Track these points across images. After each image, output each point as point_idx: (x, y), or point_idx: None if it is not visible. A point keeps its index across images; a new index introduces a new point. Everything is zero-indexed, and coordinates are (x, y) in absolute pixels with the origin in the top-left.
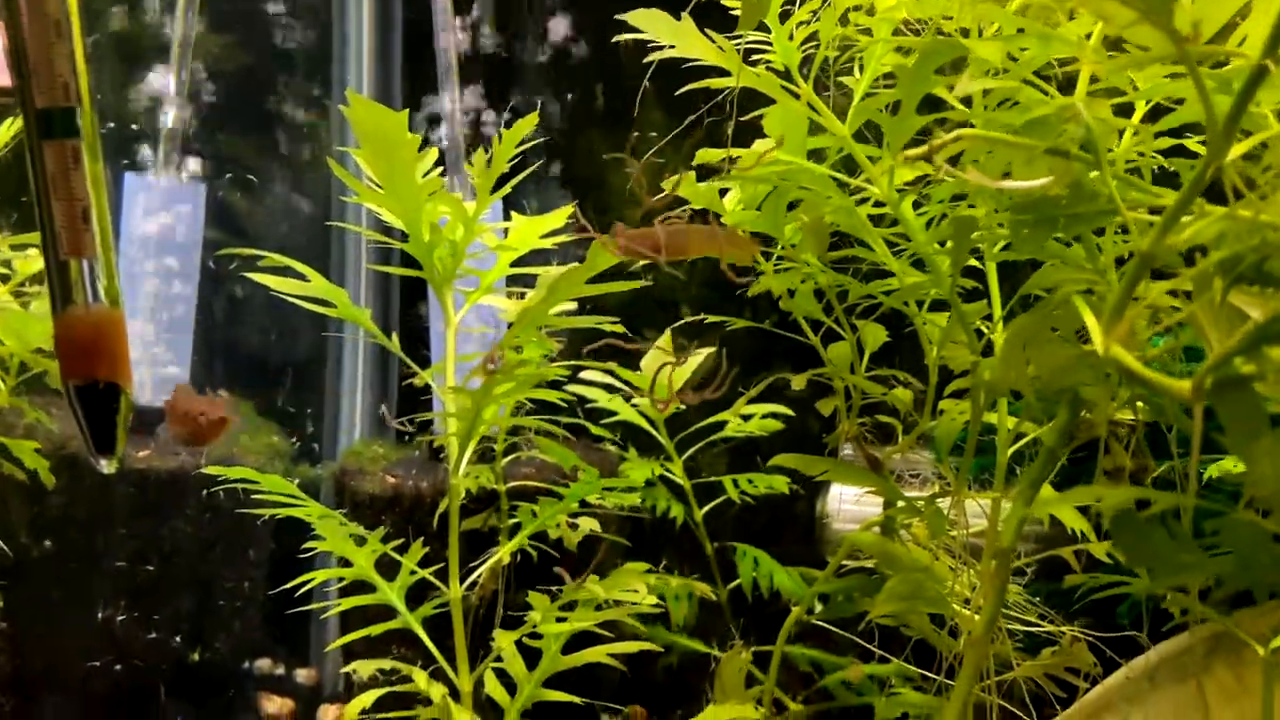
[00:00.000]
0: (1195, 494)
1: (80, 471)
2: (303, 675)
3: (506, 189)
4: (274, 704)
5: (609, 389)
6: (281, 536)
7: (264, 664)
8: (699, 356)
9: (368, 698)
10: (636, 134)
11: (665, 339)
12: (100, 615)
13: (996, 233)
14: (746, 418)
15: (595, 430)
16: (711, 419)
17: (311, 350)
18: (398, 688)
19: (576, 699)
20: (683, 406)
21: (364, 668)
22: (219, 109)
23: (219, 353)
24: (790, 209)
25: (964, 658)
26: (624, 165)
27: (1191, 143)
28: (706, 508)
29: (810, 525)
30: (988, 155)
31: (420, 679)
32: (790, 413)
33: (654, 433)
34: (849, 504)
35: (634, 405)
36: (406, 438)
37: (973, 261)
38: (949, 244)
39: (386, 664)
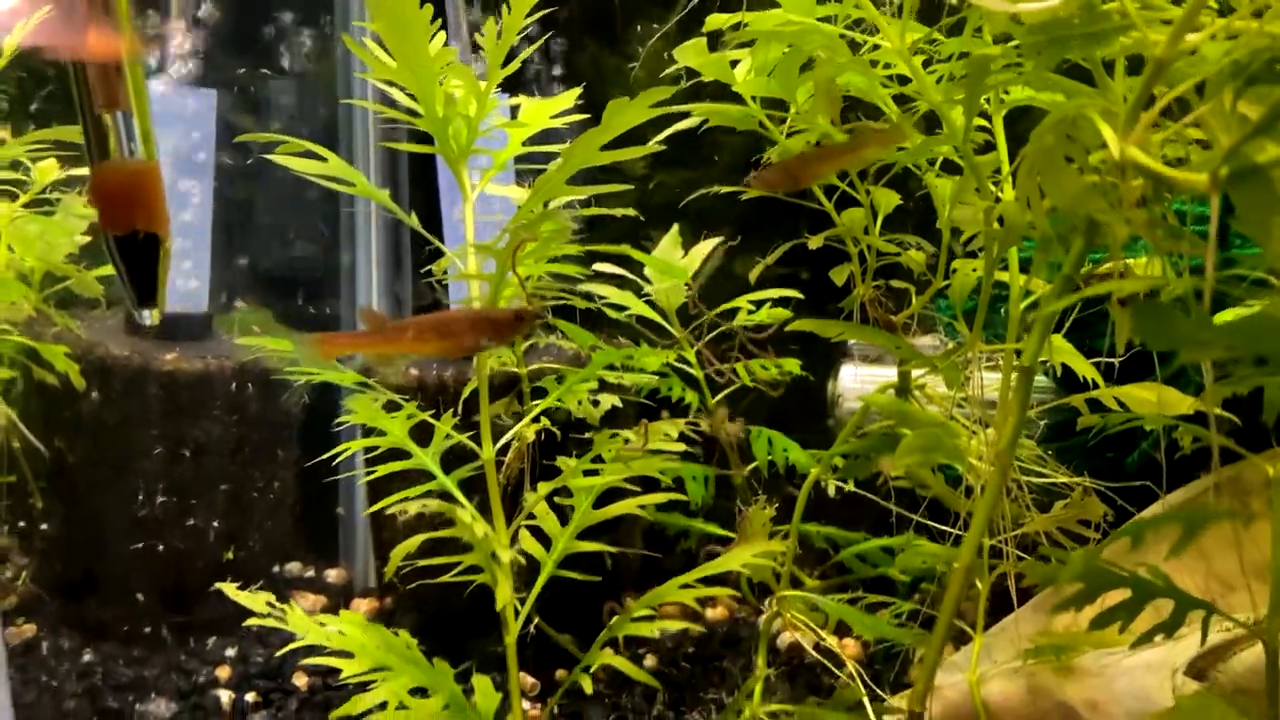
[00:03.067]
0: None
1: (109, 376)
2: (333, 575)
3: (516, 64)
4: (307, 601)
5: (621, 281)
6: (308, 438)
7: (294, 566)
8: (709, 244)
9: (411, 543)
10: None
11: (674, 231)
12: (135, 515)
13: (1000, 78)
14: (756, 307)
15: (612, 314)
16: (723, 306)
17: (327, 256)
18: (440, 532)
19: (609, 548)
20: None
21: (411, 506)
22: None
23: (236, 264)
24: (802, 73)
25: (987, 482)
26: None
27: None
28: (720, 395)
29: (822, 408)
30: None
31: (463, 516)
32: (800, 295)
33: (665, 324)
34: (858, 384)
35: (645, 297)
36: None
37: (979, 121)
38: (960, 96)
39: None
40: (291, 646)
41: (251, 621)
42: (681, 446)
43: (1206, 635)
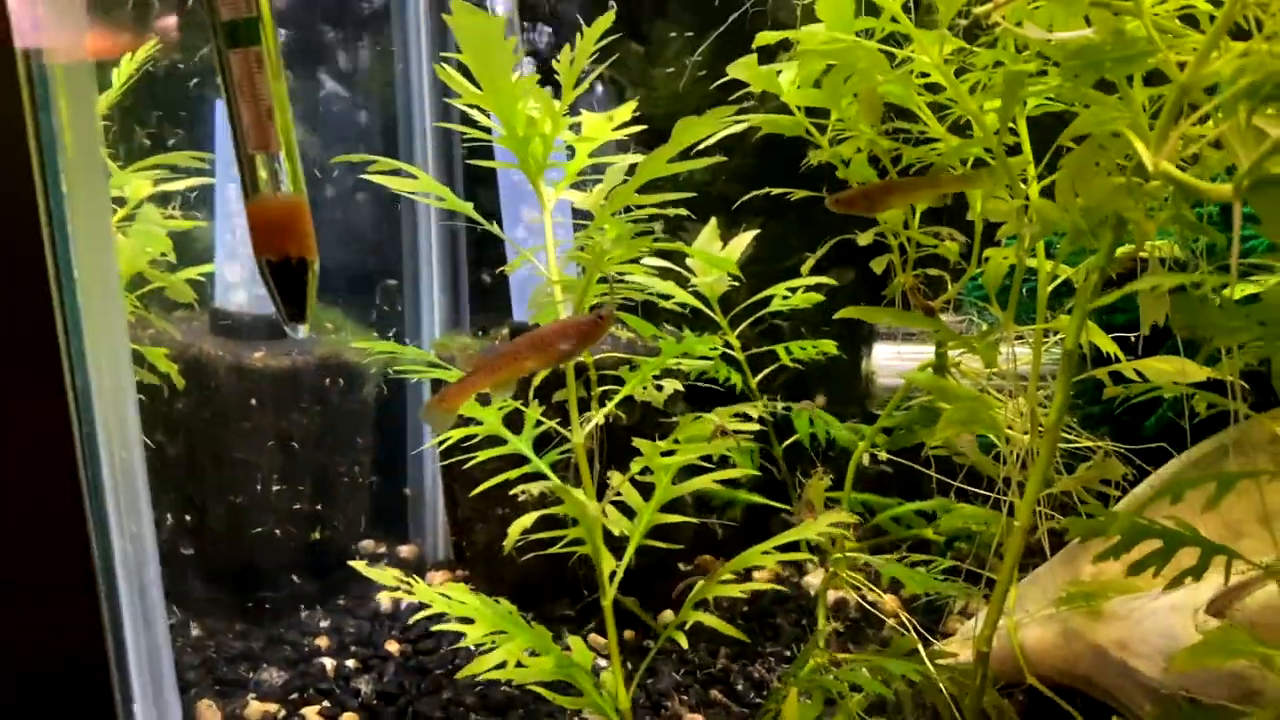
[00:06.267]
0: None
1: (204, 374)
2: (405, 551)
3: (586, 84)
4: (384, 576)
5: (665, 273)
6: (383, 427)
7: (368, 544)
8: (747, 236)
9: (527, 519)
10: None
11: (711, 224)
12: (230, 503)
13: (1031, 89)
14: (791, 293)
15: (664, 305)
16: (762, 294)
17: (389, 262)
18: (550, 510)
19: (692, 519)
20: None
21: (532, 488)
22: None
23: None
24: (845, 84)
25: (1039, 451)
26: (670, 67)
27: None
28: (759, 375)
29: (856, 386)
30: (1034, 11)
31: (577, 495)
32: (834, 282)
33: (709, 311)
34: (891, 362)
35: (691, 289)
36: (479, 332)
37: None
38: (995, 103)
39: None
40: (421, 615)
41: (383, 595)
42: (756, 427)
43: (1229, 576)
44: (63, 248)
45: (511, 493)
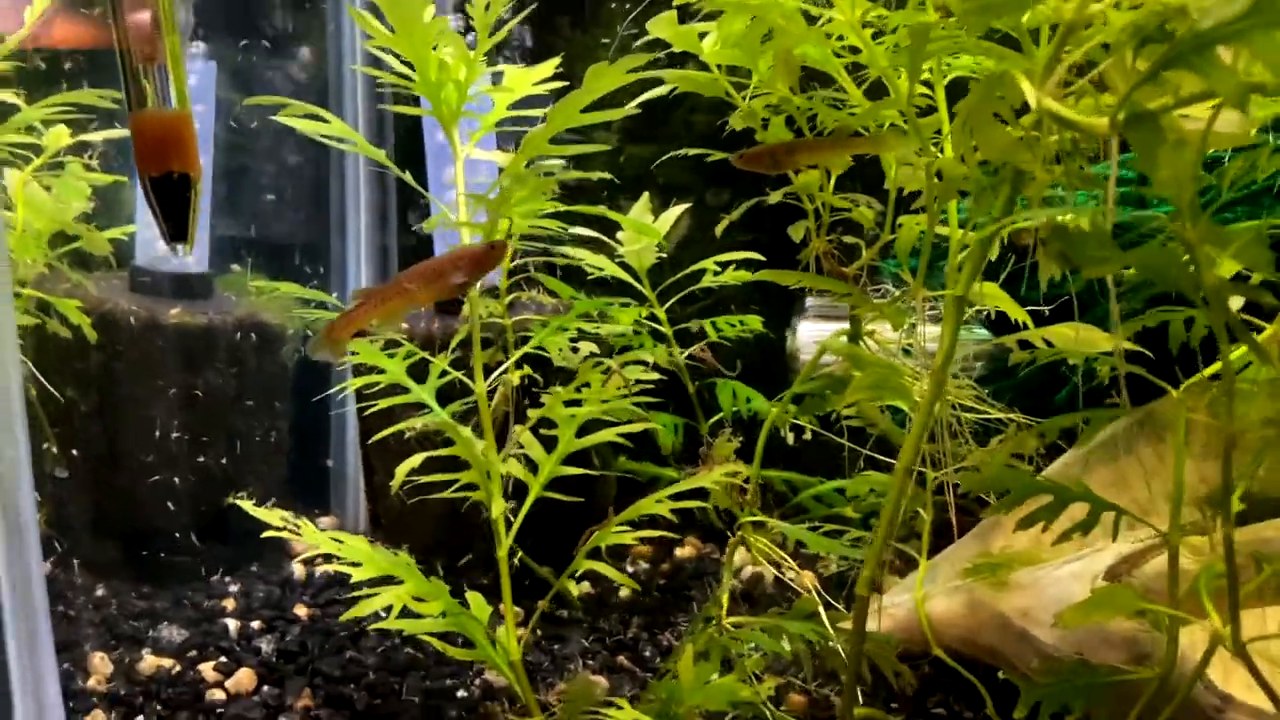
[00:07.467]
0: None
1: (118, 330)
2: (325, 522)
3: (504, 32)
4: (300, 546)
5: (596, 244)
6: (303, 395)
7: (286, 514)
8: (677, 210)
9: (415, 459)
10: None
11: (644, 198)
12: (142, 461)
13: (940, 45)
14: (723, 267)
15: (591, 271)
16: (692, 268)
17: (316, 221)
18: (439, 451)
19: (589, 471)
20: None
21: (415, 423)
22: None
23: (235, 227)
24: (763, 44)
25: (920, 400)
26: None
27: None
28: (686, 351)
29: (781, 362)
30: None
31: (465, 433)
32: (761, 256)
33: (637, 285)
34: (814, 340)
35: (618, 260)
36: None
37: (924, 89)
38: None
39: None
40: (307, 555)
41: (296, 563)
42: (655, 375)
43: (1117, 533)
44: None
45: (402, 431)
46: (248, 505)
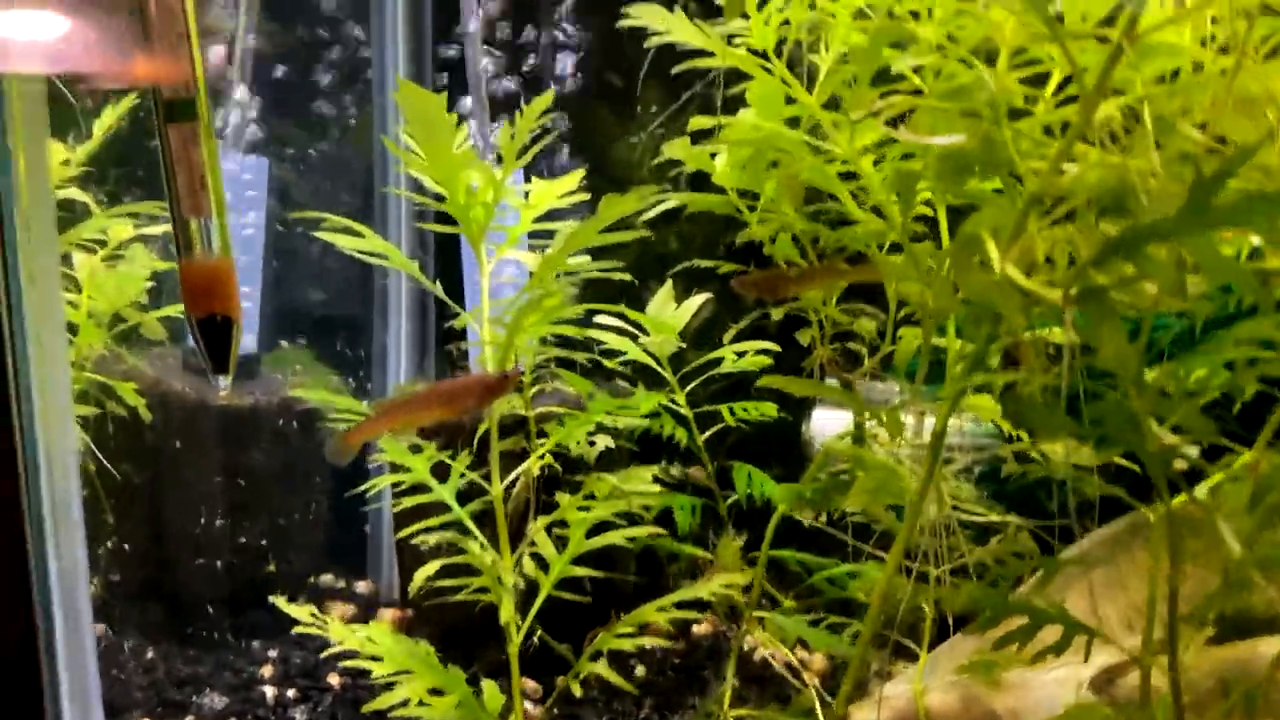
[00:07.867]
0: (1074, 378)
1: (170, 409)
2: (361, 586)
3: (529, 156)
4: (339, 609)
5: (619, 331)
6: (343, 468)
7: (327, 578)
8: (698, 300)
9: (430, 567)
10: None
11: (667, 287)
12: (191, 532)
13: (928, 186)
14: (740, 355)
15: (609, 365)
16: (710, 355)
17: (360, 307)
18: (454, 559)
19: (598, 573)
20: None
21: (430, 538)
22: (272, 91)
23: (283, 309)
24: (771, 169)
25: (908, 507)
26: (627, 136)
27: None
28: (706, 433)
29: (798, 448)
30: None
31: (474, 547)
32: (777, 347)
33: (659, 369)
34: (830, 426)
35: (641, 345)
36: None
37: (925, 210)
38: (901, 195)
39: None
40: (329, 652)
41: (298, 629)
42: (657, 489)
43: (1089, 655)
44: (14, 284)
45: (415, 539)
46: (281, 602)
